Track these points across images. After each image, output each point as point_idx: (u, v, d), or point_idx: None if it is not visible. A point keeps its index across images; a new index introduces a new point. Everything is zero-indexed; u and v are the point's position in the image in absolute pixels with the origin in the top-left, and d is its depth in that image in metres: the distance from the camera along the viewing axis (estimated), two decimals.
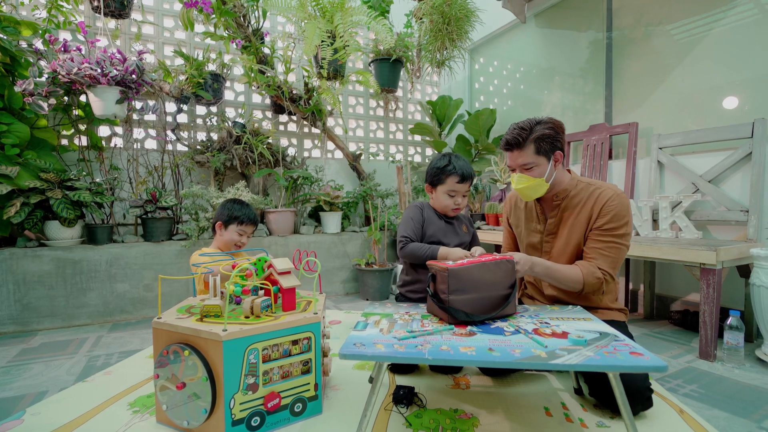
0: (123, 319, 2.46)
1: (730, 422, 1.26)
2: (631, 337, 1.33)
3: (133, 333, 2.21)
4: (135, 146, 2.83)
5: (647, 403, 1.24)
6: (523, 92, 3.65)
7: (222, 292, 1.34)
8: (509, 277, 1.27)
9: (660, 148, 2.45)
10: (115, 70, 2.26)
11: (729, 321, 1.69)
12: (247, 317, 1.23)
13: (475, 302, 1.20)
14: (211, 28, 2.88)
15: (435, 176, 1.60)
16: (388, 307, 1.44)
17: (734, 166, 2.12)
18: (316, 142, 3.61)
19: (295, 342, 1.22)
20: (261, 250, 1.60)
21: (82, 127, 2.61)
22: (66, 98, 2.46)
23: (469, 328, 1.17)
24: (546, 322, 1.23)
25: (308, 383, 1.24)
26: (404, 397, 1.32)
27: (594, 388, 1.31)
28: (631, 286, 2.66)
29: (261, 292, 1.40)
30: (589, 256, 1.39)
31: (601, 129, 2.82)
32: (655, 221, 2.36)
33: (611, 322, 1.39)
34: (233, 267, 1.40)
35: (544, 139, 1.38)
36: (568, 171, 1.51)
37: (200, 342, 1.13)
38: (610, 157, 2.78)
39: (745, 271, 1.99)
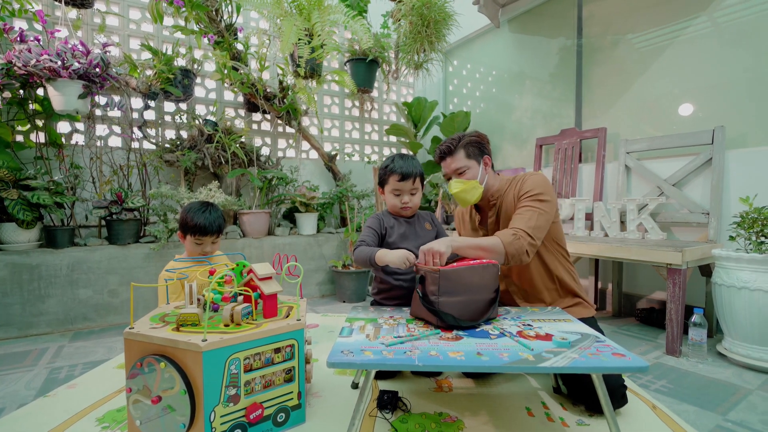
0: (86, 326, 2.32)
1: (698, 416, 1.32)
2: (601, 332, 1.38)
3: (98, 342, 2.09)
4: (98, 144, 2.67)
5: (622, 400, 1.29)
6: (496, 95, 3.72)
7: (199, 300, 1.28)
8: (494, 281, 1.30)
9: (627, 153, 2.56)
10: (77, 63, 2.12)
11: (693, 318, 1.79)
12: (226, 325, 1.18)
13: (463, 305, 1.21)
14: (181, 22, 2.76)
15: (381, 177, 1.62)
16: (371, 312, 1.42)
17: (696, 170, 2.24)
18: (290, 141, 3.54)
19: (277, 350, 1.18)
20: (238, 254, 1.55)
21: (40, 123, 2.44)
22: (22, 92, 2.29)
23: (455, 332, 1.17)
24: (529, 324, 1.25)
25: (291, 392, 1.21)
26: (389, 402, 1.31)
27: (572, 387, 1.35)
28: (600, 285, 2.76)
29: (240, 299, 1.36)
30: (509, 225, 1.44)
31: (571, 133, 2.91)
32: (622, 222, 2.46)
33: (581, 319, 1.44)
34: (211, 273, 1.35)
35: (472, 144, 1.54)
36: (498, 174, 1.63)
37: (178, 353, 1.08)
38: (580, 160, 2.88)
39: (706, 270, 2.10)
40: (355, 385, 1.49)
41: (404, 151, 4.27)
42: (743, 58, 2.14)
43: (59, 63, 2.09)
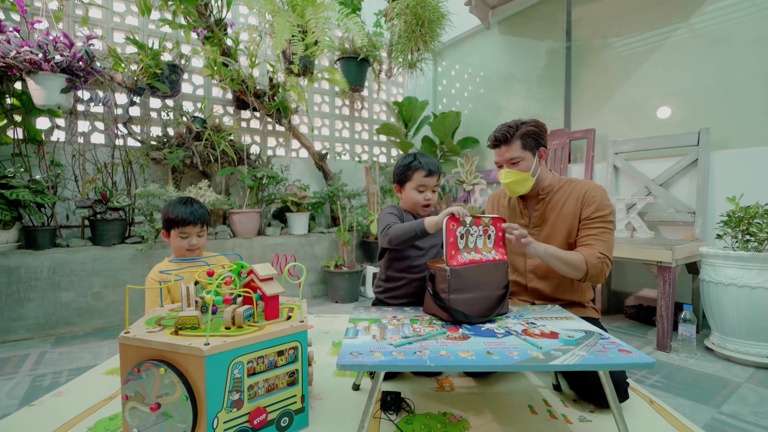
0: (68, 331, 2.23)
1: (693, 409, 1.35)
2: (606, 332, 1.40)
3: (82, 347, 2.01)
4: (80, 140, 2.57)
5: (624, 396, 1.31)
6: (485, 96, 3.75)
7: (197, 302, 1.24)
8: (504, 278, 1.32)
9: (615, 154, 2.61)
10: (59, 56, 2.03)
11: (683, 315, 1.83)
12: (227, 328, 1.14)
13: (473, 302, 1.23)
14: (168, 15, 2.68)
15: (402, 174, 1.58)
16: (373, 312, 1.41)
17: (682, 171, 2.30)
18: (280, 140, 3.48)
19: (280, 353, 1.15)
20: (235, 254, 1.51)
21: (18, 118, 2.33)
22: None
23: (461, 331, 1.17)
24: (532, 323, 1.25)
25: (295, 395, 1.18)
26: (392, 403, 1.30)
27: (574, 384, 1.36)
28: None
29: (239, 300, 1.32)
30: (585, 243, 1.44)
31: (561, 134, 2.96)
32: None
33: (587, 319, 1.45)
34: (209, 274, 1.31)
35: (530, 135, 1.49)
36: (550, 171, 1.60)
37: (178, 358, 1.04)
38: (570, 160, 2.93)
39: (692, 267, 2.16)
40: (356, 387, 1.47)
41: (394, 151, 4.26)
42: (722, 63, 2.21)
43: (40, 55, 2.00)
